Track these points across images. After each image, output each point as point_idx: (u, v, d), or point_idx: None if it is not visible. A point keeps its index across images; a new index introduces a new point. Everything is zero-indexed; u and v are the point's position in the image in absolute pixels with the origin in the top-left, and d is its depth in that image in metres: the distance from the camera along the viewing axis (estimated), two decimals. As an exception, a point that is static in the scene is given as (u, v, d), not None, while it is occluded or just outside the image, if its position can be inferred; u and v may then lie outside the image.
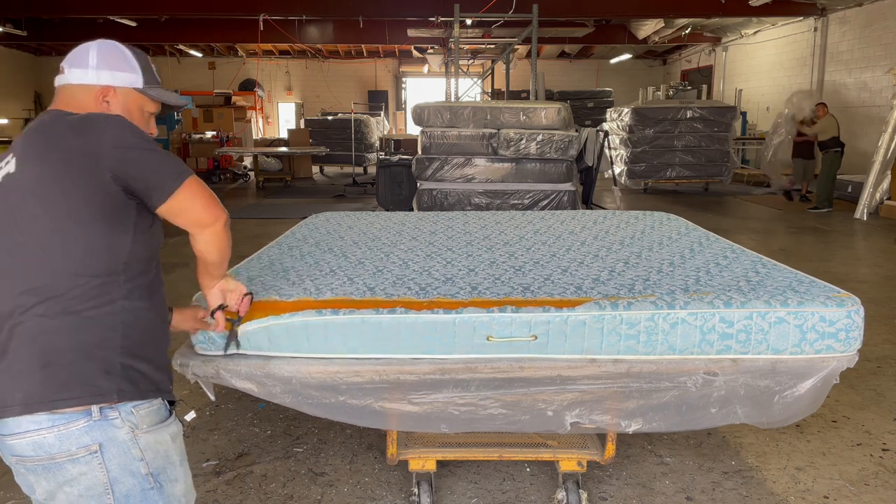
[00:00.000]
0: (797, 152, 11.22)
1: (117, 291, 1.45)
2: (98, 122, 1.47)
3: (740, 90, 15.95)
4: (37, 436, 1.38)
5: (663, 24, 15.51)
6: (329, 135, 16.31)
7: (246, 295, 2.00)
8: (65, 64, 1.63)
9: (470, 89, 14.88)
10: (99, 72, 1.59)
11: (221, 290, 1.89)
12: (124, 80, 1.61)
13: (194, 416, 1.50)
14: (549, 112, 6.96)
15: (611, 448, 2.60)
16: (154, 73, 1.69)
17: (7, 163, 1.49)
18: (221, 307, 1.96)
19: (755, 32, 16.11)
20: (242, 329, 2.32)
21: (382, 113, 20.43)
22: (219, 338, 2.32)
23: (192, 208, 1.52)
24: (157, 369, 1.52)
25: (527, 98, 15.55)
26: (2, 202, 1.46)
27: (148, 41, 18.37)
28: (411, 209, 7.56)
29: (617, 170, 13.15)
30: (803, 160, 11.18)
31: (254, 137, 18.14)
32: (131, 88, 1.62)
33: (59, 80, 1.63)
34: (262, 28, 13.85)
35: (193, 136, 15.32)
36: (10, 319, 1.43)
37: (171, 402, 1.59)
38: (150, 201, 1.47)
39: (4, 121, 19.38)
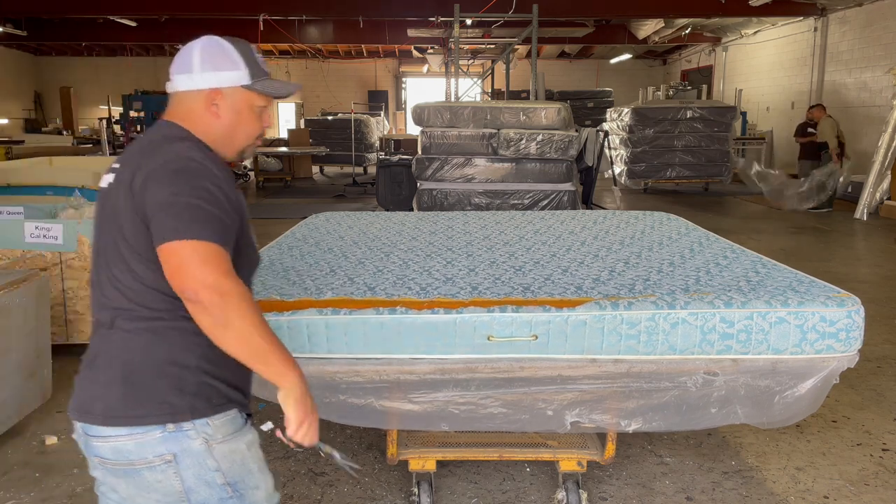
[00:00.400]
0: (803, 154, 11.21)
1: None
2: (158, 150, 1.44)
3: (740, 90, 15.94)
4: (117, 441, 1.42)
5: (663, 24, 15.51)
6: (329, 135, 16.30)
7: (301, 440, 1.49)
8: (171, 69, 1.57)
9: (470, 89, 14.87)
10: (204, 75, 1.53)
11: (296, 401, 1.44)
12: (230, 80, 1.54)
13: (272, 426, 1.48)
14: (549, 112, 6.96)
15: (611, 448, 2.60)
16: (259, 64, 1.59)
17: (112, 172, 1.51)
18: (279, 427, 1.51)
19: (755, 32, 16.11)
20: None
21: (382, 113, 20.42)
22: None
23: (174, 271, 1.34)
24: (231, 387, 1.50)
25: (527, 98, 15.55)
26: (109, 212, 1.48)
27: (148, 41, 18.40)
28: (411, 209, 7.56)
29: (617, 170, 13.15)
30: (810, 161, 11.14)
31: (254, 137, 18.09)
32: (238, 87, 1.55)
33: (168, 87, 1.58)
34: (262, 28, 13.85)
35: (193, 136, 15.29)
36: (101, 328, 1.49)
37: (249, 414, 1.59)
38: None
39: (4, 121, 19.38)
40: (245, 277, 1.56)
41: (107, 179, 1.53)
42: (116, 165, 1.52)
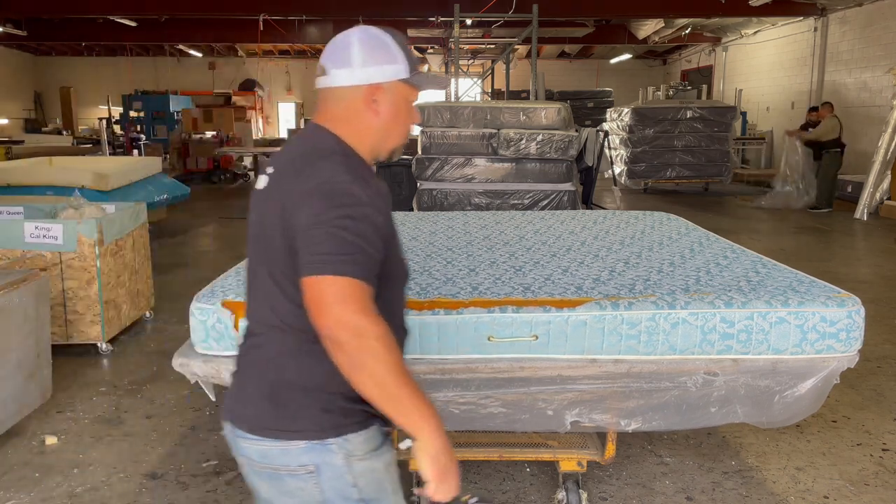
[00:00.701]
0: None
1: None
2: (308, 169, 1.39)
3: (740, 90, 15.94)
4: (262, 445, 1.43)
5: (663, 24, 15.51)
6: (329, 135, 16.27)
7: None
8: (327, 63, 1.47)
9: (470, 89, 14.88)
10: (366, 69, 1.43)
11: (431, 457, 1.36)
12: (391, 74, 1.45)
13: (410, 443, 1.48)
14: (549, 112, 6.95)
15: (611, 448, 2.60)
16: (413, 55, 1.50)
17: (266, 174, 1.48)
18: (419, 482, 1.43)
19: (755, 32, 16.11)
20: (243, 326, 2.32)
21: (382, 113, 20.39)
22: (219, 339, 2.33)
23: (312, 307, 1.31)
24: (369, 404, 1.45)
25: (527, 98, 15.56)
26: (263, 221, 1.46)
27: (148, 41, 18.41)
28: (411, 209, 7.56)
29: (617, 170, 13.14)
30: (812, 162, 11.12)
31: (253, 137, 18.15)
32: (397, 81, 1.46)
33: (322, 83, 1.48)
34: (261, 28, 13.85)
35: (193, 135, 15.30)
36: (253, 336, 1.50)
37: (388, 430, 1.56)
38: None
39: (4, 121, 19.38)
40: (393, 294, 1.53)
41: (262, 181, 1.50)
42: (271, 170, 1.49)
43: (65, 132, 18.64)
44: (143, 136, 17.27)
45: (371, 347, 1.28)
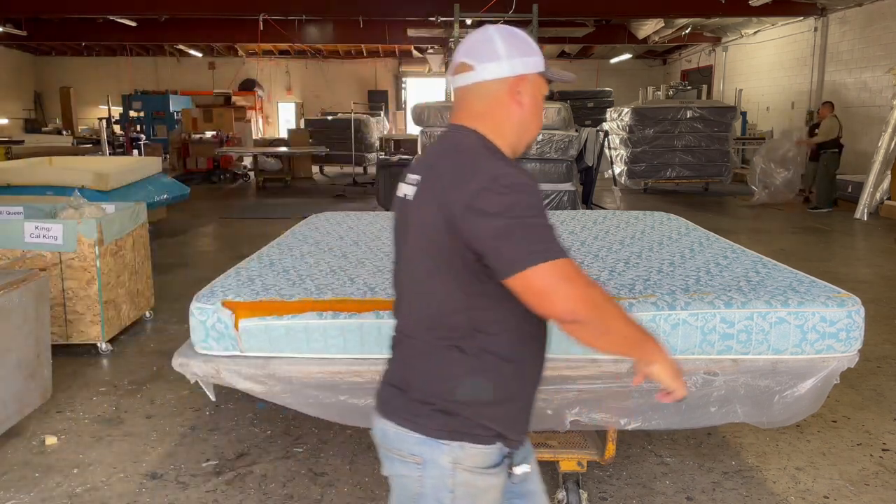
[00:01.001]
0: (809, 156, 11.20)
1: (482, 341, 1.42)
2: (468, 169, 1.38)
3: (740, 90, 15.94)
4: (386, 427, 1.49)
5: (663, 24, 15.51)
6: (329, 135, 16.30)
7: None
8: (470, 59, 1.46)
9: (470, 89, 14.84)
10: (511, 61, 1.45)
11: (669, 374, 1.44)
12: (532, 66, 1.47)
13: (527, 469, 1.49)
14: (548, 112, 6.96)
15: (611, 448, 2.60)
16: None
17: (412, 184, 1.48)
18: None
19: (755, 32, 16.11)
20: (243, 326, 2.32)
21: (382, 113, 20.43)
22: (219, 339, 2.33)
23: (540, 300, 1.31)
24: (496, 420, 1.47)
25: (527, 98, 15.53)
26: (416, 226, 1.46)
27: (148, 41, 18.42)
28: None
29: (617, 170, 13.14)
30: (812, 162, 11.12)
31: (253, 137, 18.15)
32: (536, 73, 1.48)
33: (464, 80, 1.48)
34: (261, 28, 13.85)
35: (193, 135, 15.31)
36: (399, 333, 1.55)
37: (512, 452, 1.55)
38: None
39: (4, 121, 19.39)
40: None
41: (404, 190, 1.50)
42: (416, 177, 1.47)
43: (65, 132, 18.64)
44: (143, 136, 17.28)
45: (609, 311, 1.35)
